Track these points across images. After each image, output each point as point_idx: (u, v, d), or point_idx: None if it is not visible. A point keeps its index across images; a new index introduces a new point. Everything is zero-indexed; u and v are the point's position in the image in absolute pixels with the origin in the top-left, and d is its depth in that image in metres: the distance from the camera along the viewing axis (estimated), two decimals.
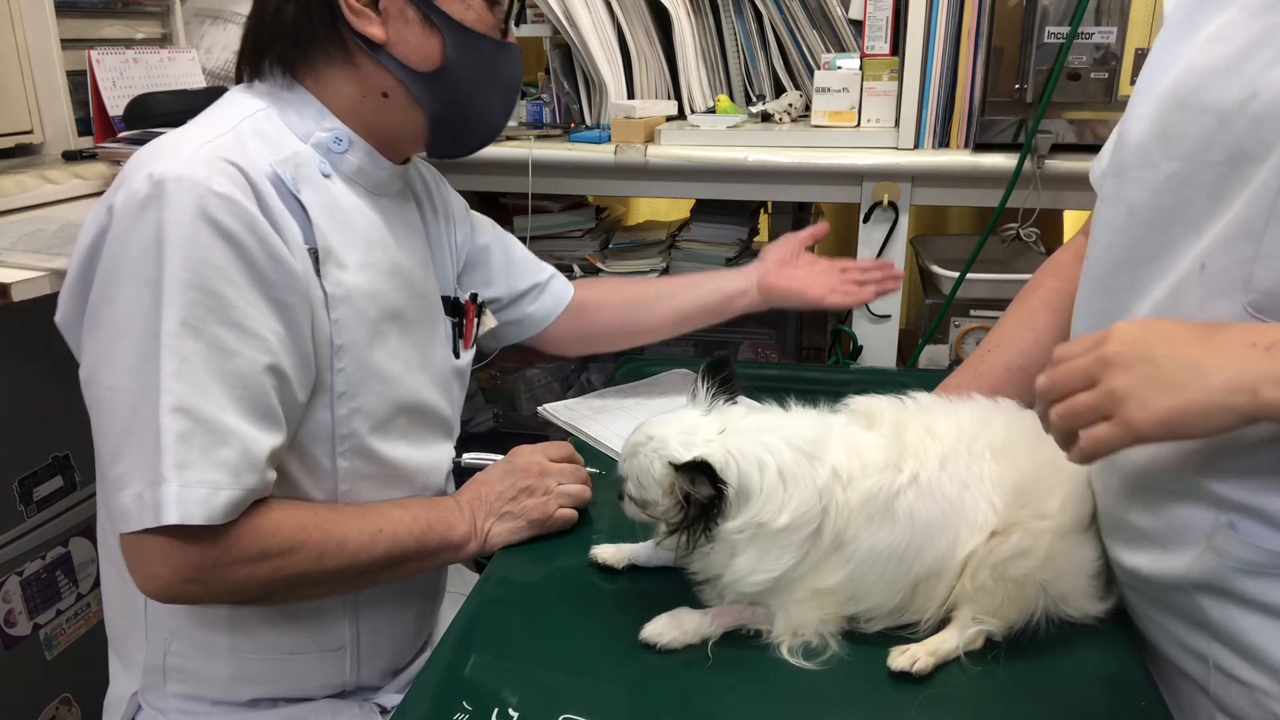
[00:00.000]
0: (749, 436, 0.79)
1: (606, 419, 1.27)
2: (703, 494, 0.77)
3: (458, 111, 0.99)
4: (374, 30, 0.91)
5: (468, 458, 1.13)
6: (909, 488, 0.79)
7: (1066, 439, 0.68)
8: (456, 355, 1.13)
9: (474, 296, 1.18)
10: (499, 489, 1.02)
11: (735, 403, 0.85)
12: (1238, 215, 0.69)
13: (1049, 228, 1.92)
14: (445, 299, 1.13)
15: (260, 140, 0.89)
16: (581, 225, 2.00)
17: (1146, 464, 0.78)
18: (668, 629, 0.82)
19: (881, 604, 0.81)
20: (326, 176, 0.94)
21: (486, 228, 1.24)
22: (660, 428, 0.82)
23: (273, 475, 0.85)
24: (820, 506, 0.78)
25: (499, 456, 1.09)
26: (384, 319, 0.97)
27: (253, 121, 0.90)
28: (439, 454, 1.09)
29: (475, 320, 1.17)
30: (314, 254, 0.89)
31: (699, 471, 0.76)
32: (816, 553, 0.79)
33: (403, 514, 0.95)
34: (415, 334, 1.03)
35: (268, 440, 0.83)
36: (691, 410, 0.84)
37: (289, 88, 0.94)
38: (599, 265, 1.94)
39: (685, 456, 0.77)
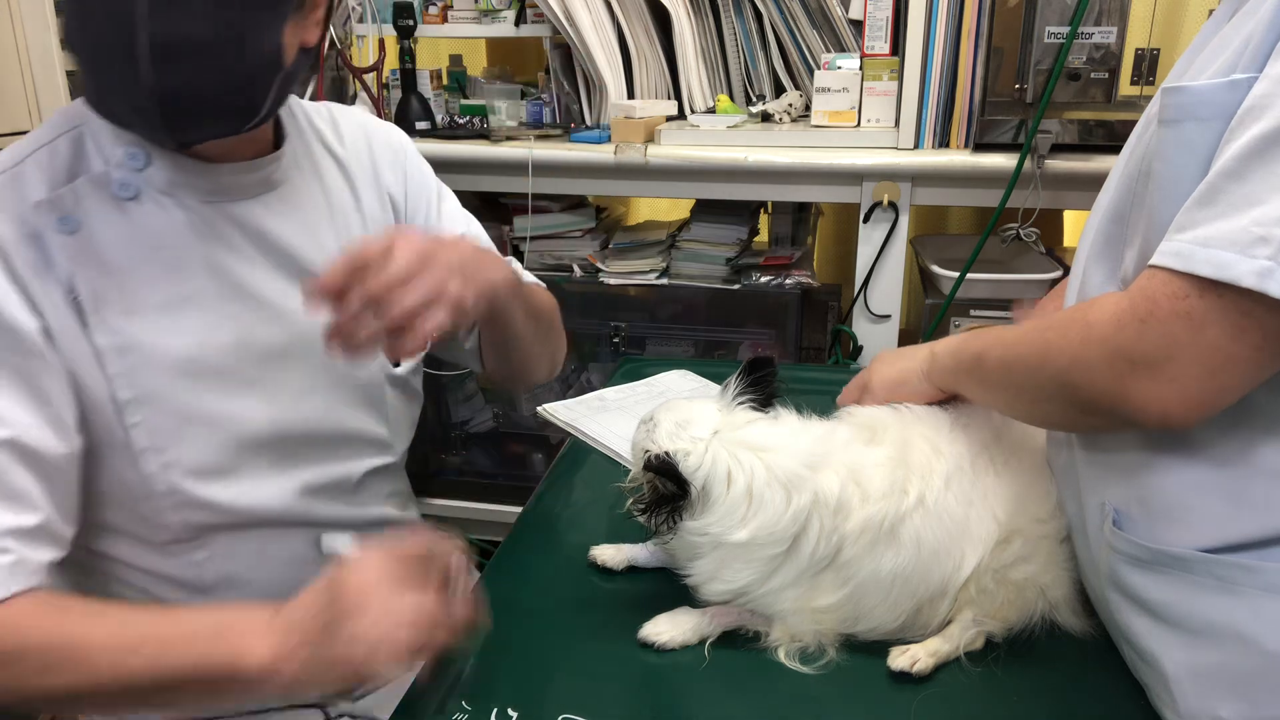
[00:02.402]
0: (734, 447, 0.78)
1: (606, 419, 1.27)
2: (667, 488, 0.78)
3: (88, 77, 0.79)
4: None
5: (326, 541, 0.94)
6: (915, 511, 0.79)
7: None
8: (396, 362, 1.00)
9: None
10: (312, 613, 0.73)
11: (770, 406, 0.84)
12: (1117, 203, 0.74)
13: (1049, 228, 1.92)
14: None
15: (42, 174, 0.80)
16: (581, 225, 2.00)
17: (1064, 460, 0.81)
18: (667, 628, 0.82)
19: (882, 624, 0.81)
20: (132, 199, 0.81)
21: (435, 228, 1.08)
22: (666, 412, 0.82)
23: (33, 556, 0.75)
24: (791, 532, 0.77)
25: (347, 549, 0.77)
26: (219, 353, 0.85)
27: (51, 149, 0.81)
28: (354, 468, 0.97)
29: None
30: (77, 305, 0.79)
31: (664, 465, 0.77)
32: (790, 572, 0.78)
33: (178, 630, 0.74)
34: (296, 357, 0.90)
35: (5, 519, 0.74)
36: (710, 403, 0.84)
37: None
38: (599, 265, 1.94)
39: (664, 446, 0.78)
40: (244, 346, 0.87)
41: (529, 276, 1.12)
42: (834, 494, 0.78)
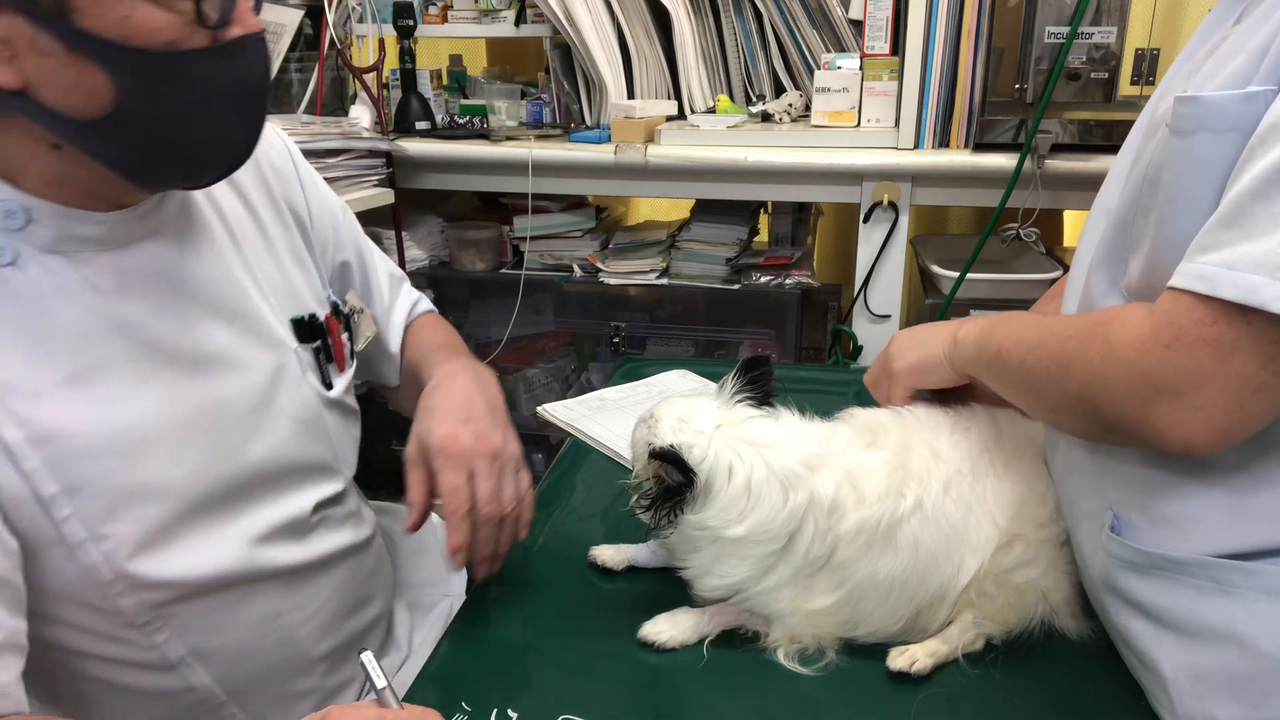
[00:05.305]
0: (734, 442, 0.78)
1: (606, 419, 1.27)
2: (673, 479, 0.78)
3: (155, 153, 0.73)
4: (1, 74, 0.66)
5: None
6: (913, 515, 0.78)
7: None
8: (328, 385, 0.94)
9: (337, 308, 0.98)
10: None
11: (766, 405, 0.84)
12: (1123, 211, 0.73)
13: (1049, 228, 1.92)
14: (298, 322, 0.91)
15: None
16: (581, 225, 2.00)
17: (1063, 462, 0.81)
18: (666, 628, 0.82)
19: (881, 629, 0.81)
20: (10, 264, 0.72)
21: (346, 242, 1.04)
22: (666, 408, 0.82)
23: (2, 677, 0.67)
24: (786, 530, 0.77)
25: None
26: (144, 420, 0.77)
27: None
28: (304, 503, 0.90)
29: (347, 336, 0.98)
30: None
31: (670, 457, 0.77)
32: (785, 571, 0.78)
33: None
34: (227, 402, 0.83)
35: None
36: (709, 400, 0.84)
37: None
38: (599, 265, 1.94)
39: (668, 440, 0.78)
40: (169, 406, 0.79)
41: (424, 305, 1.15)
42: (829, 495, 0.78)
